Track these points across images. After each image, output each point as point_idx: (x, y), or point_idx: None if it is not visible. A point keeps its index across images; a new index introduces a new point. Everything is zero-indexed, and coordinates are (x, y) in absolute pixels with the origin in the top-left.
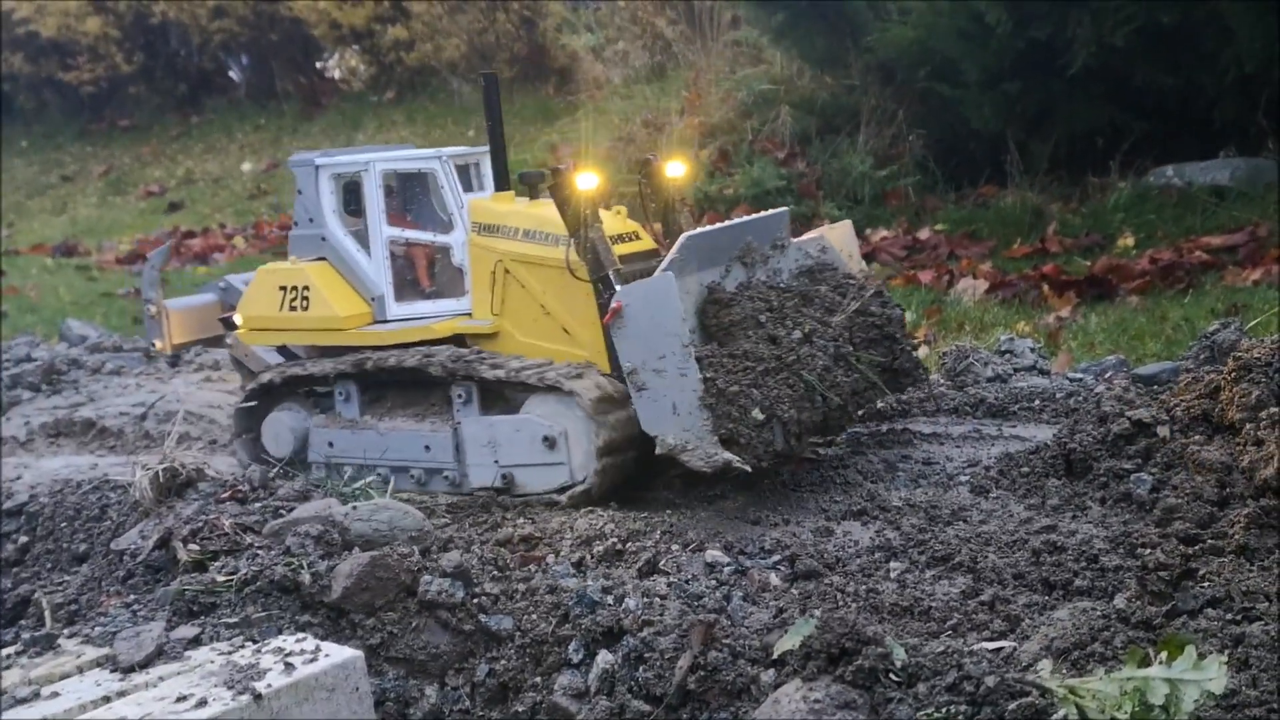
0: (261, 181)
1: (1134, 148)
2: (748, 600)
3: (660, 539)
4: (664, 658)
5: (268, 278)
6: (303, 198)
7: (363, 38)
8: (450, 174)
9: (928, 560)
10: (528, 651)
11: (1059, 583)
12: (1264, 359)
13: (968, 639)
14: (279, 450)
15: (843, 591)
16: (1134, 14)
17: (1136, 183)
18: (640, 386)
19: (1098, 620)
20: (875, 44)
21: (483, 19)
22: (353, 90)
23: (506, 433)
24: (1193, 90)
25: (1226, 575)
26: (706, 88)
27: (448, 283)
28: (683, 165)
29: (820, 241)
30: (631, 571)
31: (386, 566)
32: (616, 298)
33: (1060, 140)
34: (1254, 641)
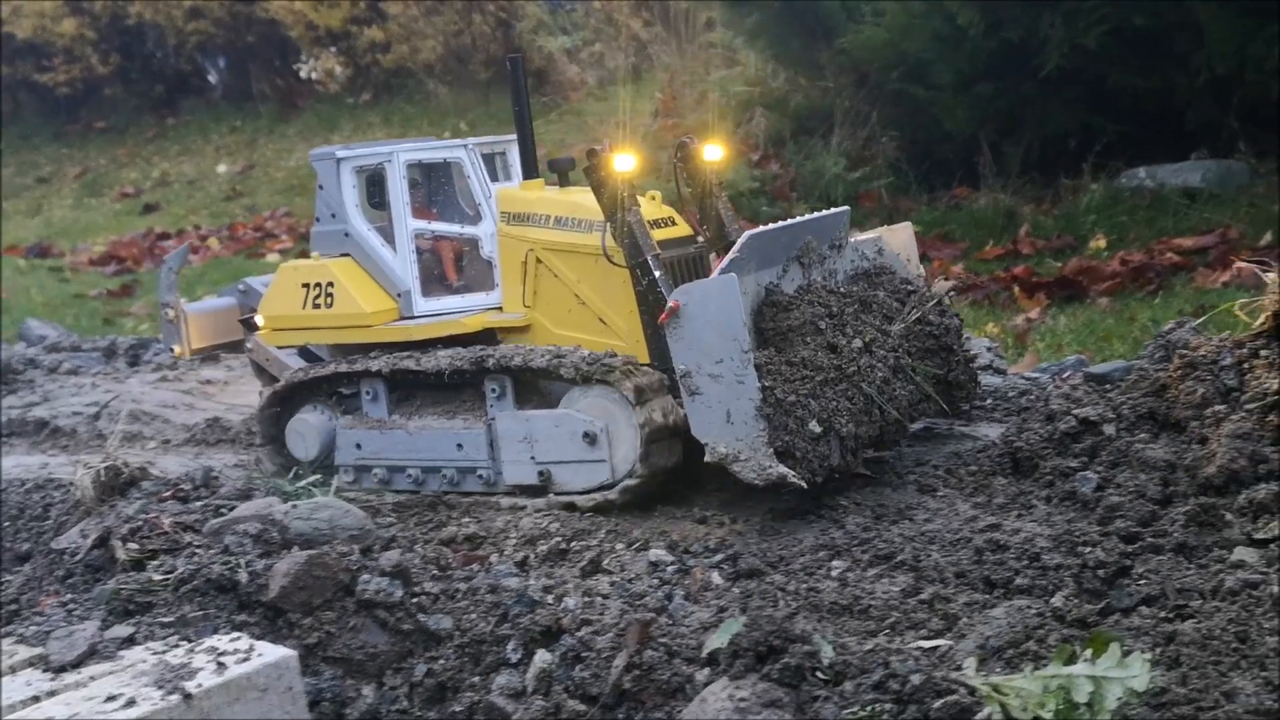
0: (237, 183)
1: (1106, 149)
2: (689, 599)
3: (605, 538)
4: (601, 657)
5: (290, 275)
6: (324, 192)
7: (339, 39)
8: (477, 163)
9: (871, 559)
10: (466, 651)
11: (1000, 581)
12: (1209, 357)
13: (905, 637)
14: (305, 454)
15: (784, 590)
16: (1106, 16)
17: (1109, 184)
18: (693, 391)
19: (1033, 619)
20: (848, 46)
21: (459, 21)
22: (329, 92)
23: (545, 428)
24: (1165, 92)
25: (1164, 573)
26: (681, 89)
27: (476, 276)
28: (721, 148)
29: (878, 243)
30: (574, 571)
31: (324, 565)
32: (674, 296)
33: (1033, 142)
34: (1185, 639)
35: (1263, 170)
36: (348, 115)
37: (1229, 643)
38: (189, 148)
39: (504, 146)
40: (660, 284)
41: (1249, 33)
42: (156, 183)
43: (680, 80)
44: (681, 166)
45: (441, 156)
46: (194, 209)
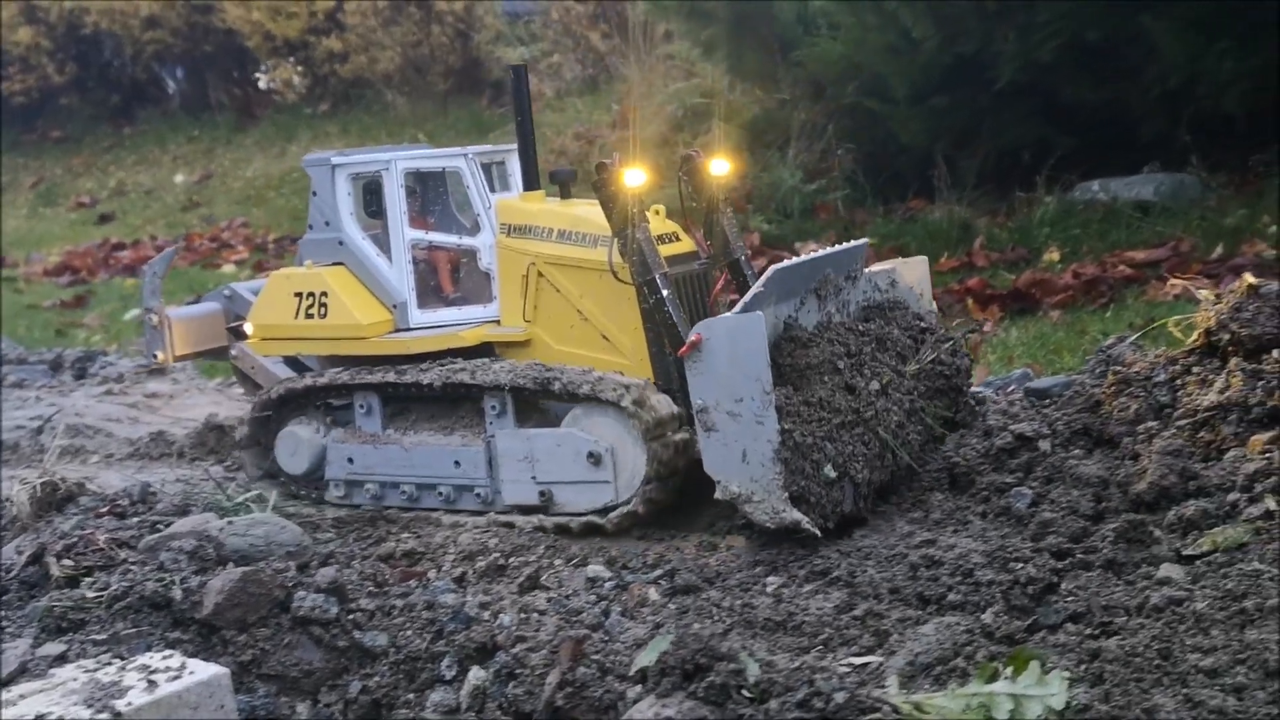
0: (194, 193)
1: (1060, 163)
2: (626, 615)
3: (543, 554)
4: (535, 674)
5: (282, 284)
6: (318, 199)
7: (297, 49)
8: (477, 173)
9: (807, 575)
10: (401, 668)
11: (933, 597)
12: (1143, 373)
13: (837, 654)
14: (294, 467)
15: (719, 606)
16: (1060, 30)
17: (1063, 197)
18: (709, 427)
19: (962, 635)
20: (804, 59)
21: (417, 31)
22: (287, 102)
23: (547, 447)
24: (1118, 106)
25: (1092, 590)
26: (639, 101)
27: (473, 288)
28: (727, 162)
29: (891, 275)
30: (512, 587)
31: (259, 582)
32: (696, 329)
33: (988, 155)
34: (1109, 656)
35: (1214, 184)
36: (306, 125)
37: (1151, 660)
38: (146, 157)
39: (503, 156)
40: (668, 303)
41: (1200, 47)
42: (113, 192)
43: (638, 92)
44: (686, 180)
45: (440, 165)
46: (150, 219)
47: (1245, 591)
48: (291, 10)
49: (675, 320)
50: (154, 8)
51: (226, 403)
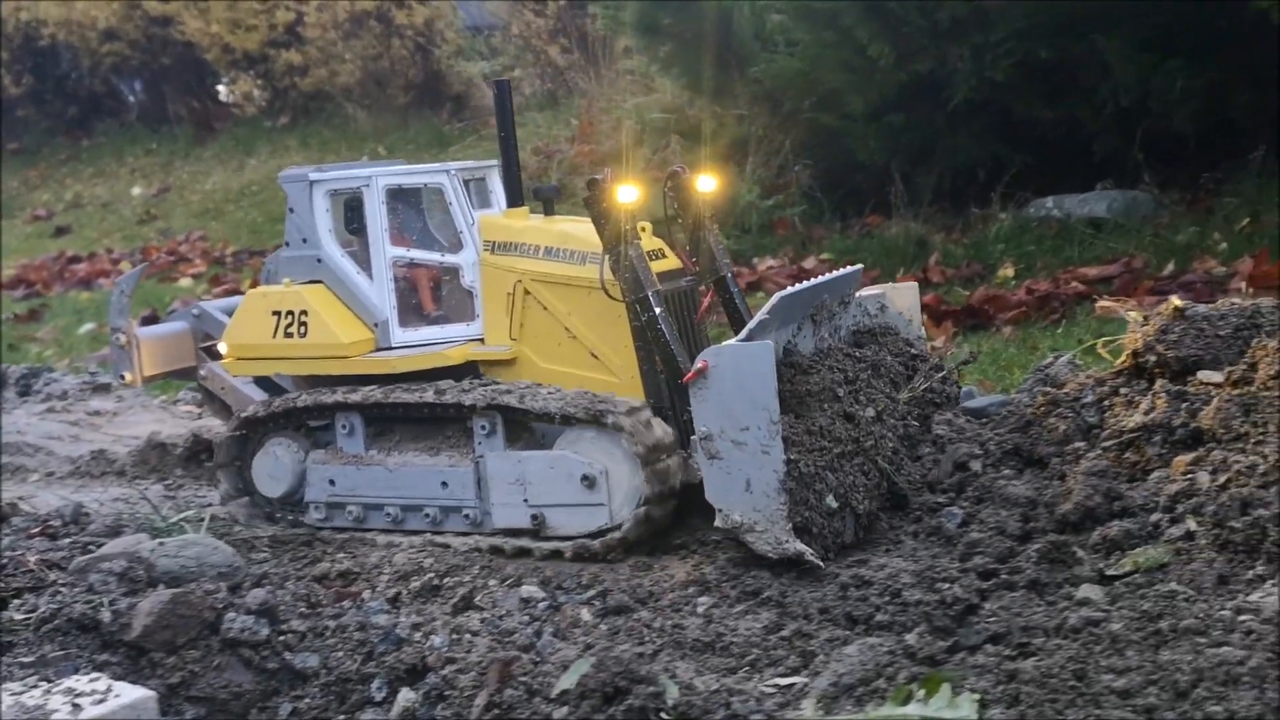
0: (151, 206)
1: (1015, 180)
2: (558, 636)
3: (478, 574)
4: (463, 695)
5: (259, 302)
6: (295, 216)
7: (256, 62)
8: (459, 189)
9: (738, 594)
10: (332, 690)
11: (861, 617)
12: (1072, 394)
13: (764, 674)
14: (273, 490)
15: (649, 627)
16: (1013, 49)
17: (1017, 214)
18: (712, 455)
19: (884, 656)
20: (762, 75)
21: (378, 45)
22: (246, 115)
23: (539, 470)
24: (1072, 124)
25: (1014, 610)
26: (598, 116)
27: (455, 306)
28: (713, 179)
29: (880, 300)
30: (446, 607)
31: (189, 604)
32: (702, 357)
33: (943, 172)
34: (1026, 677)
35: (1166, 201)
36: (265, 138)
37: (1066, 680)
38: (103, 170)
39: (483, 172)
40: (661, 321)
41: (1152, 66)
42: (69, 205)
43: (597, 106)
44: (672, 197)
45: (422, 181)
46: (107, 232)
47: (1161, 612)
48: (251, 23)
49: (668, 339)
50: (112, 19)
51: (170, 420)
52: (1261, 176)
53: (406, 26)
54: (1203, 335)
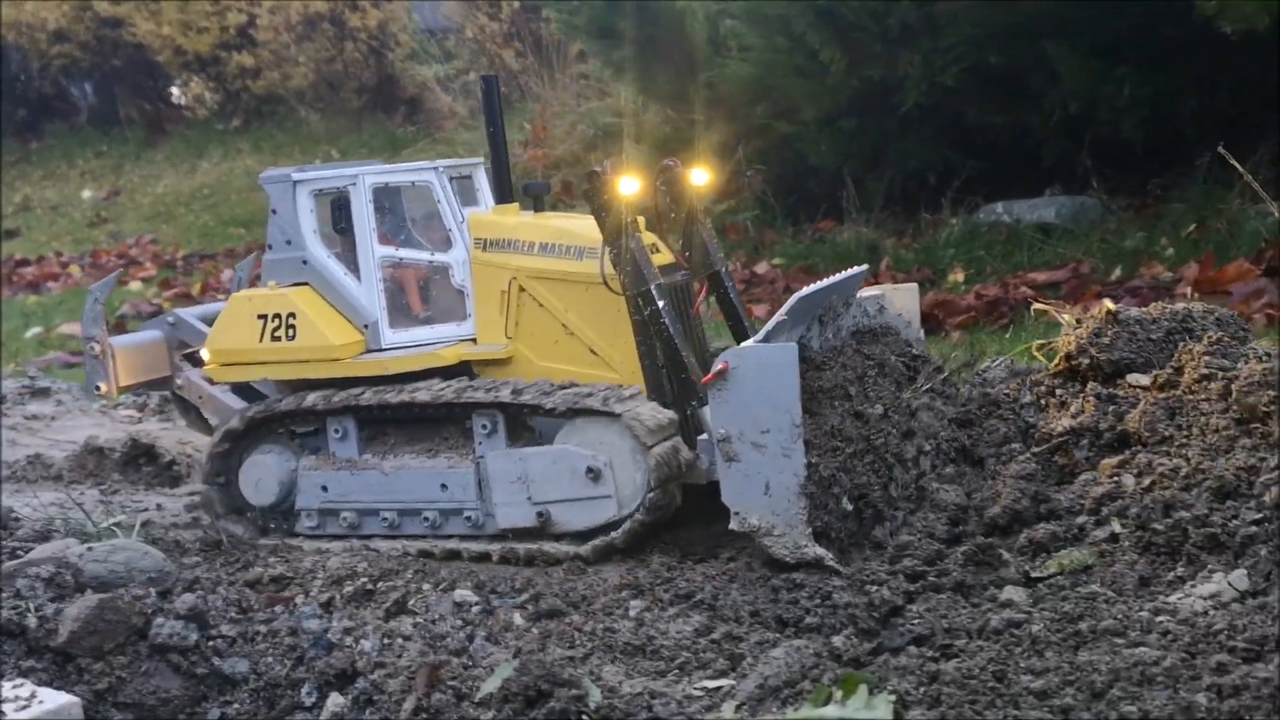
0: (101, 209)
1: (965, 185)
2: (490, 640)
3: (412, 578)
4: (392, 700)
5: (244, 306)
6: (278, 218)
7: (208, 65)
8: (447, 187)
9: (671, 598)
10: (262, 695)
11: (791, 620)
12: (1011, 396)
13: (692, 677)
14: (261, 498)
15: (580, 630)
16: (962, 55)
17: (968, 219)
18: (731, 457)
19: (810, 658)
20: (715, 80)
21: (331, 48)
22: (198, 117)
23: (541, 466)
24: (1021, 130)
25: (940, 612)
26: (552, 120)
27: (446, 306)
28: (706, 172)
29: (879, 300)
30: (379, 612)
31: (116, 609)
32: (723, 358)
33: (895, 177)
34: (947, 678)
35: (1114, 207)
36: (217, 141)
37: (986, 681)
38: (53, 172)
39: (470, 169)
40: (664, 314)
41: (1100, 74)
42: (18, 208)
43: (551, 111)
44: (665, 191)
45: (409, 179)
46: (57, 235)
47: (1081, 614)
48: (203, 25)
49: (672, 333)
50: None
51: (109, 425)
52: (1207, 183)
53: (360, 29)
54: (1135, 339)
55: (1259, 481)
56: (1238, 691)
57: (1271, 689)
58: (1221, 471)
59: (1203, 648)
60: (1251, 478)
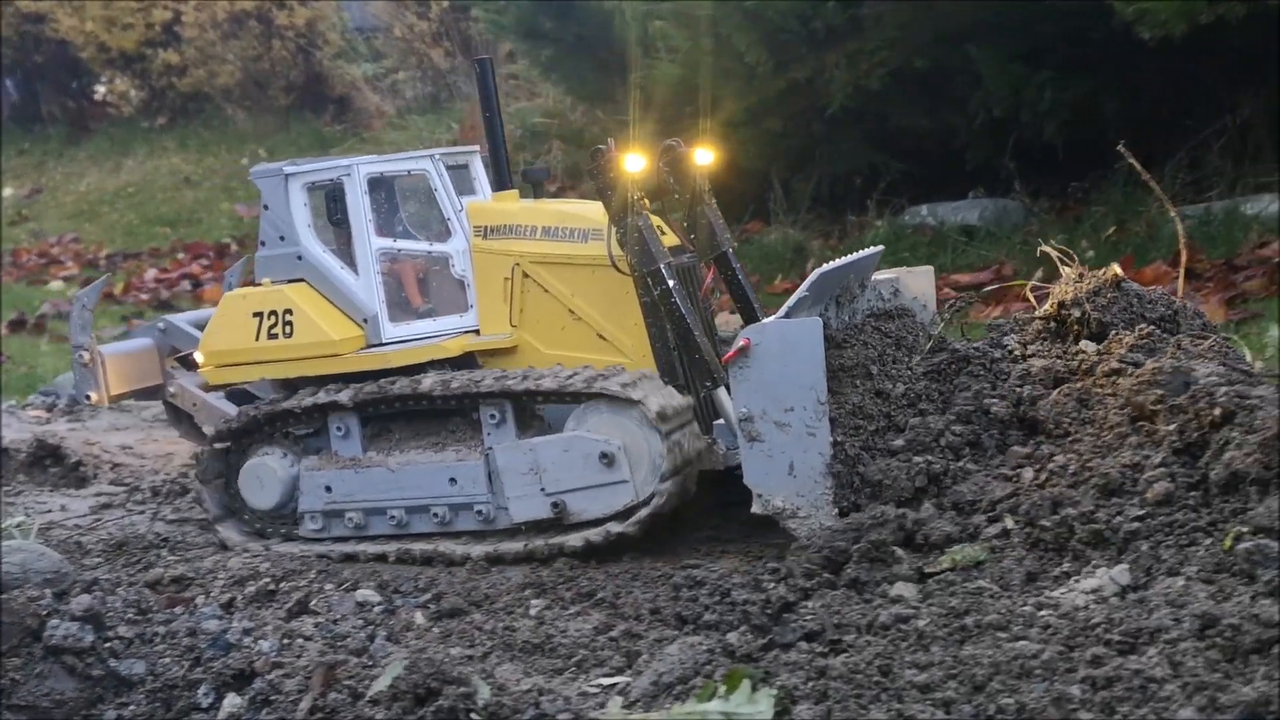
0: (23, 207)
1: (891, 187)
2: (391, 640)
3: (315, 578)
4: (289, 700)
5: (238, 304)
6: (270, 213)
7: (133, 62)
8: (444, 175)
9: (572, 596)
10: (158, 696)
11: (690, 617)
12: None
13: (590, 675)
14: (263, 501)
15: (480, 629)
16: (887, 59)
17: (893, 221)
18: (753, 437)
19: (703, 655)
20: (643, 81)
21: (258, 46)
22: (123, 115)
23: (553, 455)
24: (945, 133)
25: (834, 608)
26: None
27: (447, 297)
28: (710, 152)
29: (894, 284)
30: (280, 612)
31: (10, 610)
32: (744, 334)
33: (821, 179)
34: (834, 674)
35: (1037, 209)
36: (142, 139)
37: (872, 676)
38: None
39: (465, 158)
40: (675, 294)
41: (1023, 78)
42: None
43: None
44: (668, 171)
45: (405, 169)
46: None
47: (968, 609)
48: (127, 21)
49: (684, 312)
50: None
51: (16, 425)
52: (1128, 186)
53: (287, 27)
54: (1129, 310)
55: (1143, 479)
56: (1110, 683)
57: (1142, 680)
58: (1108, 469)
59: (1080, 641)
60: (1136, 475)
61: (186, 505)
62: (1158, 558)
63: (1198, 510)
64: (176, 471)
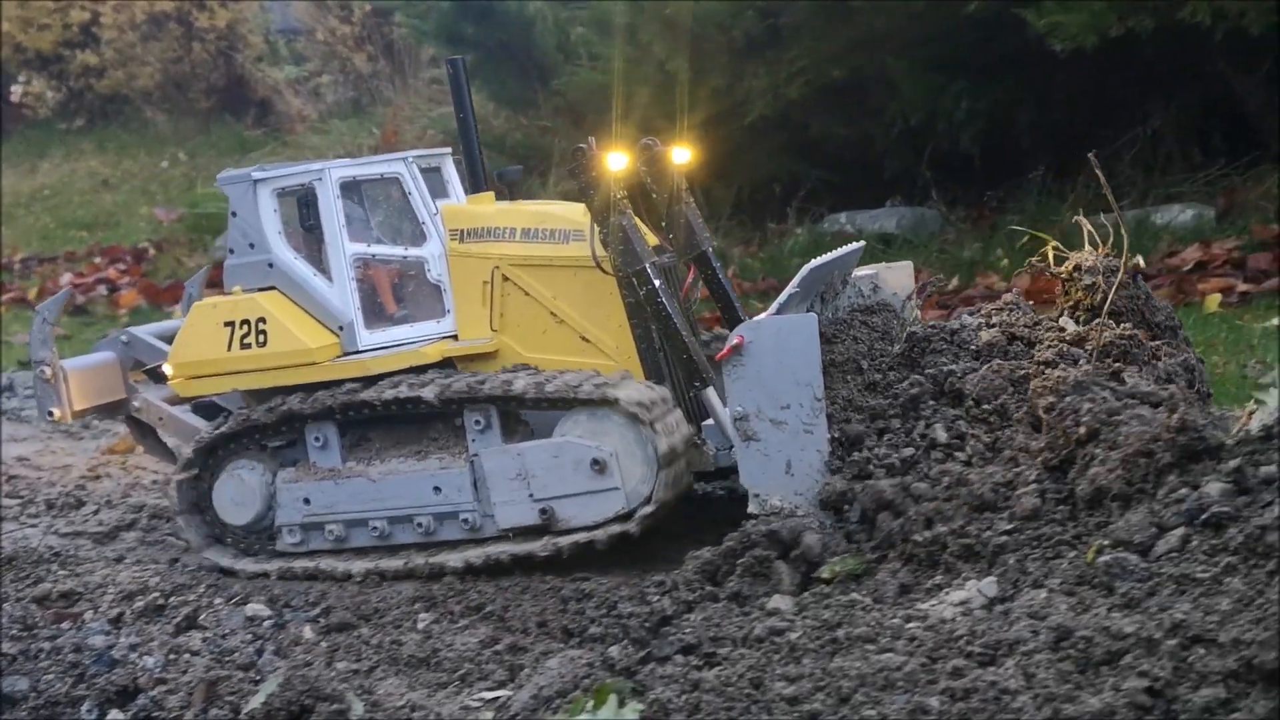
0: None
1: (810, 195)
2: (279, 654)
3: (205, 593)
4: (171, 716)
5: (208, 314)
6: (239, 220)
7: (50, 63)
8: (418, 178)
9: (461, 610)
10: (41, 713)
11: (576, 630)
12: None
13: (473, 689)
14: (239, 517)
15: (367, 644)
16: (805, 68)
17: (812, 228)
18: (749, 436)
19: (583, 668)
20: (564, 88)
21: (178, 48)
22: (39, 117)
23: (542, 461)
24: (864, 142)
25: (715, 621)
26: (403, 124)
27: (423, 302)
28: (688, 151)
29: (873, 280)
30: (169, 627)
31: None
32: (738, 331)
33: (742, 186)
34: (707, 686)
35: (953, 218)
36: (59, 141)
37: (744, 689)
38: None
39: (438, 161)
40: (661, 294)
41: (939, 87)
42: None
43: (402, 115)
44: (646, 170)
45: (378, 172)
46: None
47: (840, 621)
48: (44, 22)
49: (670, 312)
50: None
51: None
52: (1042, 195)
53: (208, 30)
54: (1135, 302)
55: (1015, 495)
56: (967, 695)
57: (996, 691)
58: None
59: (943, 653)
60: (1009, 492)
61: (81, 519)
62: (1024, 570)
63: (1064, 524)
64: (73, 484)
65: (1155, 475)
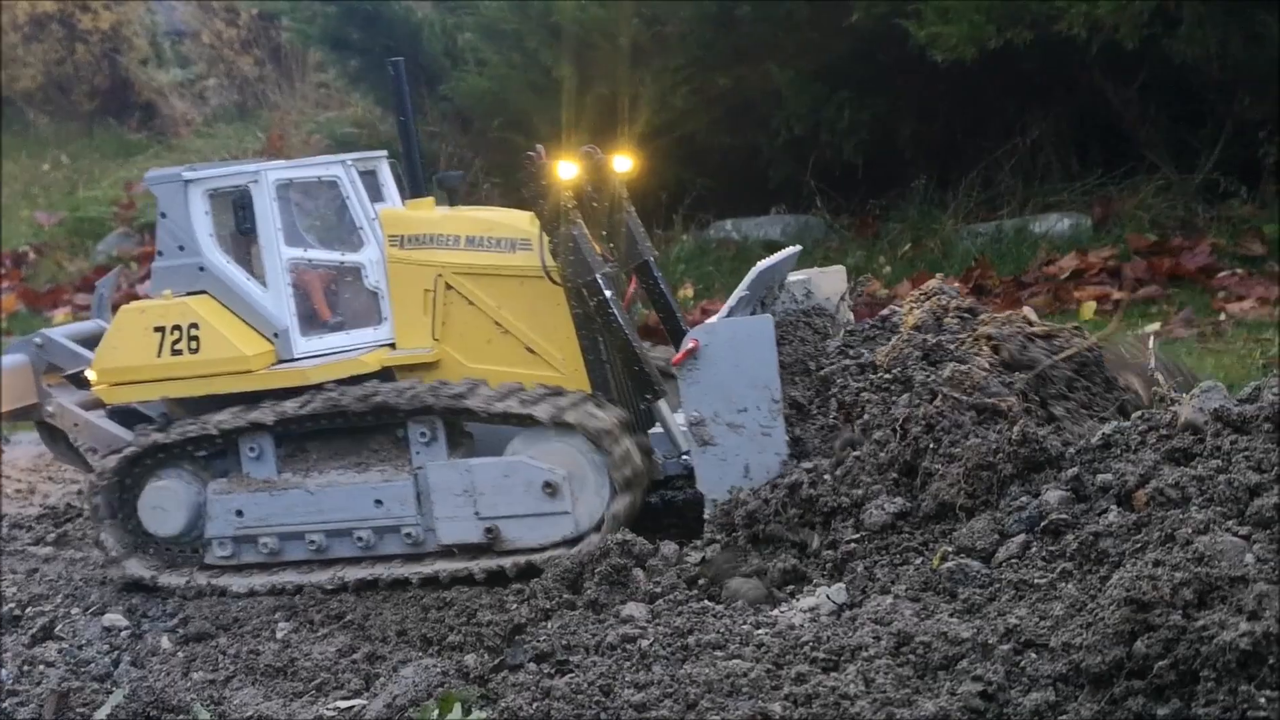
0: None
1: (697, 202)
2: (136, 664)
3: (61, 603)
4: None
5: (135, 318)
6: (168, 221)
7: None
8: (356, 182)
9: (322, 619)
10: None
11: (436, 638)
12: None
13: (329, 698)
14: (165, 528)
15: (225, 653)
16: (691, 77)
17: (698, 235)
18: (705, 441)
19: (437, 676)
20: (451, 93)
21: (61, 49)
22: None
23: (491, 479)
24: (749, 150)
25: (570, 629)
26: (289, 129)
27: (359, 309)
28: (629, 159)
29: (806, 285)
30: (24, 638)
31: None
32: (692, 335)
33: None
34: (557, 694)
35: (837, 226)
36: None
37: (594, 696)
38: None
39: (374, 164)
40: (612, 304)
41: (822, 97)
42: None
43: (288, 120)
44: (586, 179)
45: (315, 175)
46: None
47: (691, 628)
48: None
49: (622, 323)
50: None
51: None
52: (923, 204)
53: (91, 31)
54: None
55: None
56: (809, 700)
57: (837, 697)
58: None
59: (789, 659)
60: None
61: None
62: (873, 577)
63: (912, 531)
64: None
65: (999, 486)
